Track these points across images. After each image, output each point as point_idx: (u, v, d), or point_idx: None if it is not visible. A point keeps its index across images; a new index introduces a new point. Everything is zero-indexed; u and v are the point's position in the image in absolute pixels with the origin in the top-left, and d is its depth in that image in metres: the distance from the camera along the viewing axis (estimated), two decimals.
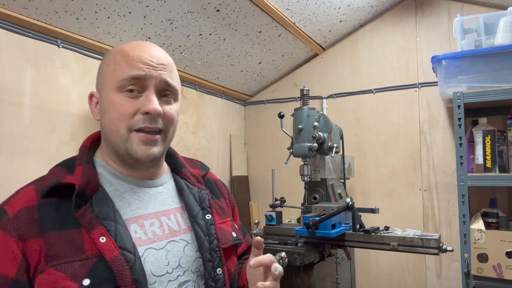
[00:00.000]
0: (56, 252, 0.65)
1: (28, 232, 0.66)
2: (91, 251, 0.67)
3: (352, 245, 1.39)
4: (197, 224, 0.82)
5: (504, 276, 1.55)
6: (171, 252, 0.77)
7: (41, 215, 0.68)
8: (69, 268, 0.64)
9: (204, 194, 0.88)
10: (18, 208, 0.68)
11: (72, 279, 0.63)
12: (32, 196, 0.71)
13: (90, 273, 0.65)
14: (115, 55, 0.77)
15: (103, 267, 0.66)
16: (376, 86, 2.31)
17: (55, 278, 0.63)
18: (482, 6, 2.06)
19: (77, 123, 1.61)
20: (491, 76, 1.67)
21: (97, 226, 0.68)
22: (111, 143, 0.76)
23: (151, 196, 0.81)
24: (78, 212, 0.69)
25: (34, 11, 1.39)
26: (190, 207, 0.84)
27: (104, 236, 0.68)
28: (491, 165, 1.65)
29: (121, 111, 0.73)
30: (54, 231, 0.67)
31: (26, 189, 0.73)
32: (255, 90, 2.70)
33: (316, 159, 1.62)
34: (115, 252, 0.67)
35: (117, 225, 0.70)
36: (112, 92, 0.74)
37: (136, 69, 0.73)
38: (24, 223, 0.67)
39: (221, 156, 2.51)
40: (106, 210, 0.71)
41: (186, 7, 1.65)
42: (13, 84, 1.39)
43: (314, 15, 2.04)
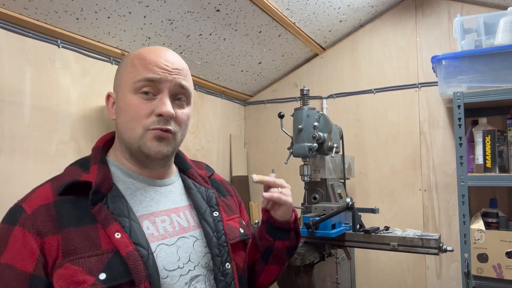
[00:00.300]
0: (73, 247, 0.68)
1: (46, 228, 0.69)
2: (107, 246, 0.69)
3: (352, 245, 1.39)
4: (205, 221, 0.86)
5: (504, 276, 1.55)
6: (182, 247, 0.80)
7: (58, 212, 0.71)
8: (86, 262, 0.67)
9: (211, 193, 0.92)
10: (35, 206, 0.71)
11: (89, 273, 0.66)
12: (49, 193, 0.73)
13: (106, 268, 0.67)
14: (133, 59, 0.80)
15: (118, 262, 0.68)
16: (376, 86, 2.31)
17: (73, 272, 0.66)
18: (482, 6, 2.06)
19: (77, 123, 1.61)
20: (491, 76, 1.67)
21: (112, 222, 0.71)
22: (125, 141, 0.80)
23: (161, 195, 0.85)
24: (94, 208, 0.72)
25: (34, 11, 1.39)
26: (198, 205, 0.88)
27: (119, 232, 0.71)
28: (491, 165, 1.65)
29: (137, 112, 0.77)
30: (71, 227, 0.70)
31: (43, 187, 0.75)
32: (255, 90, 2.70)
33: (316, 159, 1.62)
34: (130, 248, 0.70)
35: (131, 221, 0.73)
36: (128, 94, 0.78)
37: (152, 72, 0.77)
38: (42, 220, 0.69)
39: (221, 156, 2.51)
40: (120, 207, 0.74)
41: (186, 7, 1.65)
42: (13, 84, 1.39)
43: (314, 15, 2.04)
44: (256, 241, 0.97)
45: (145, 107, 0.77)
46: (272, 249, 0.95)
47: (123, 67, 0.82)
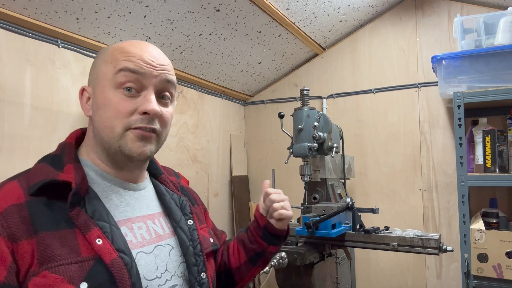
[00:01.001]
0: (51, 253, 0.61)
1: (19, 232, 0.61)
2: (87, 253, 0.64)
3: (352, 245, 1.39)
4: (180, 229, 0.82)
5: (504, 276, 1.55)
6: (159, 256, 0.76)
7: (32, 213, 0.64)
8: (67, 270, 0.61)
9: (184, 201, 0.88)
10: (5, 206, 0.63)
11: (70, 282, 0.61)
12: (19, 193, 0.66)
13: (88, 277, 0.62)
14: (113, 51, 0.74)
15: (101, 270, 0.64)
16: (376, 86, 2.31)
17: (53, 281, 0.60)
18: (482, 6, 2.06)
19: (77, 123, 1.61)
20: (491, 76, 1.67)
21: (92, 228, 0.66)
22: (103, 140, 0.73)
23: (136, 200, 0.80)
24: (72, 212, 0.66)
25: (34, 11, 1.39)
26: (173, 212, 0.84)
27: (100, 238, 0.65)
28: (491, 165, 1.65)
29: (118, 109, 0.71)
30: (47, 231, 0.63)
31: (9, 185, 0.67)
32: (255, 90, 2.70)
33: (316, 159, 1.62)
34: (113, 255, 0.65)
35: (112, 227, 0.68)
36: (108, 89, 0.72)
37: (134, 65, 0.71)
38: (14, 222, 0.62)
39: (221, 156, 2.51)
40: (99, 211, 0.69)
41: (186, 7, 1.65)
42: (13, 84, 1.39)
43: (314, 15, 2.04)
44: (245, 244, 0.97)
45: (128, 104, 0.71)
46: (263, 253, 0.97)
47: (101, 59, 0.75)
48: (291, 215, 0.94)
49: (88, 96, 0.77)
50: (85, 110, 0.77)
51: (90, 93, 0.76)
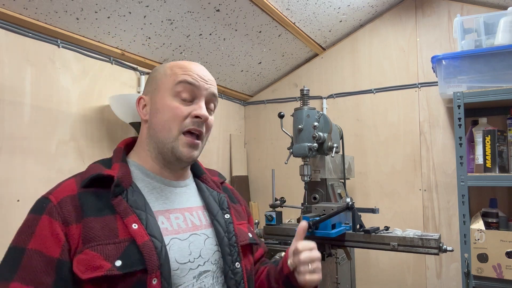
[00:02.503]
0: (92, 235, 0.73)
1: (70, 217, 0.74)
2: (124, 235, 0.74)
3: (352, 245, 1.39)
4: (217, 221, 0.91)
5: (504, 276, 1.55)
6: (193, 243, 0.84)
7: (82, 202, 0.76)
8: (104, 249, 0.72)
9: (223, 197, 0.97)
10: (61, 197, 0.76)
11: (106, 259, 0.71)
12: (73, 186, 0.79)
13: (122, 255, 0.72)
14: (172, 66, 0.88)
15: (134, 251, 0.73)
16: (376, 86, 2.31)
17: (91, 257, 0.71)
18: (482, 6, 2.06)
19: (77, 123, 1.61)
20: (491, 76, 1.67)
21: (130, 214, 0.77)
22: (158, 140, 0.85)
23: (177, 194, 0.90)
24: (115, 200, 0.78)
25: (34, 11, 1.39)
26: (211, 206, 0.93)
27: (136, 223, 0.76)
28: (491, 165, 1.65)
29: (176, 113, 0.84)
30: (91, 217, 0.75)
31: (68, 181, 0.81)
32: (255, 90, 2.70)
33: (316, 159, 1.62)
34: (145, 238, 0.74)
35: (147, 215, 0.78)
36: (167, 96, 0.85)
37: (191, 78, 0.86)
38: (67, 210, 0.75)
39: (221, 156, 2.51)
40: (138, 202, 0.80)
41: (186, 7, 1.65)
42: (13, 84, 1.39)
43: (314, 15, 2.04)
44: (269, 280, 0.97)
45: (184, 109, 0.85)
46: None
47: (160, 73, 0.89)
48: (319, 281, 0.88)
49: (144, 103, 0.90)
50: (142, 114, 0.90)
51: (147, 101, 0.89)
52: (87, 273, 0.69)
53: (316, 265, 0.89)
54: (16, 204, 1.37)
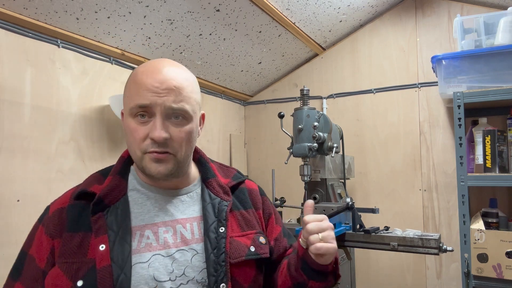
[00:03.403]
0: (64, 251, 0.74)
1: (55, 231, 0.76)
2: (91, 255, 0.73)
3: (352, 245, 1.39)
4: (207, 236, 0.81)
5: (504, 276, 1.55)
6: (178, 260, 0.78)
7: (68, 216, 0.77)
8: (68, 268, 0.72)
9: (223, 206, 0.86)
10: (55, 208, 0.78)
11: (69, 278, 0.71)
12: (67, 197, 0.80)
13: (85, 276, 0.71)
14: (130, 81, 0.82)
15: (93, 274, 0.72)
16: (376, 86, 2.31)
17: (56, 274, 0.72)
18: (482, 6, 2.06)
19: (77, 123, 1.61)
20: (491, 76, 1.67)
21: (102, 234, 0.75)
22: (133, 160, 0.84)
23: (172, 205, 0.85)
24: (94, 217, 0.77)
25: (34, 11, 1.39)
26: (207, 217, 0.84)
27: (104, 244, 0.74)
28: (491, 165, 1.65)
29: (134, 136, 0.79)
30: (70, 232, 0.75)
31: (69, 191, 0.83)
32: (255, 90, 2.70)
33: (316, 159, 1.62)
34: (105, 262, 0.72)
35: (118, 237, 0.75)
36: (127, 117, 0.81)
37: (142, 98, 0.77)
38: (54, 224, 0.77)
39: (221, 156, 2.51)
40: (116, 221, 0.77)
41: (186, 7, 1.65)
42: (13, 84, 1.39)
43: (314, 15, 2.04)
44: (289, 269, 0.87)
45: (141, 131, 0.78)
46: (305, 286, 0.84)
47: (126, 88, 0.83)
48: (333, 249, 0.77)
49: None
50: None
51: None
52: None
53: (327, 234, 0.77)
54: (16, 204, 1.37)
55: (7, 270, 0.80)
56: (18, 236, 1.36)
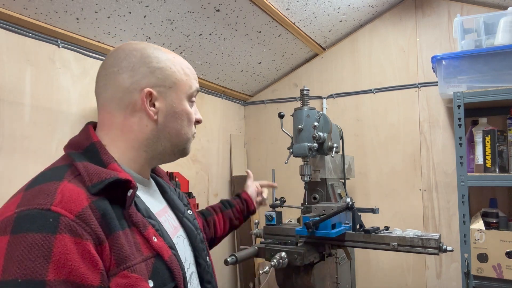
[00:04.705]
0: (125, 253, 0.62)
1: (101, 234, 0.60)
2: (147, 251, 0.66)
3: (352, 245, 1.39)
4: (187, 219, 0.88)
5: (504, 276, 1.55)
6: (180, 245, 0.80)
7: (103, 214, 0.63)
8: (141, 269, 0.63)
9: (181, 193, 0.95)
10: (79, 209, 0.60)
11: (146, 280, 0.63)
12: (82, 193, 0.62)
13: (152, 274, 0.65)
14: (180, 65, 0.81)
15: (161, 267, 0.67)
16: (376, 86, 2.31)
17: (134, 281, 0.61)
18: (482, 6, 2.06)
19: (77, 123, 1.61)
20: (491, 76, 1.67)
21: (147, 226, 0.69)
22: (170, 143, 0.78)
23: (151, 195, 0.82)
24: (130, 210, 0.67)
25: (34, 11, 1.39)
26: (176, 204, 0.89)
27: (155, 235, 0.69)
28: (491, 165, 1.65)
29: (191, 119, 0.82)
30: (117, 231, 0.63)
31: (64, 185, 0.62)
32: (255, 90, 2.70)
33: (316, 159, 1.62)
34: (169, 252, 0.70)
35: (159, 224, 0.73)
36: (184, 100, 0.80)
37: (197, 84, 0.85)
38: (95, 225, 0.60)
39: (221, 156, 2.51)
40: (147, 209, 0.73)
41: (186, 7, 1.65)
42: (13, 84, 1.39)
43: (314, 15, 2.04)
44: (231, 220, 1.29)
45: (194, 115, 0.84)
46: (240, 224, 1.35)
47: (173, 71, 0.77)
48: None
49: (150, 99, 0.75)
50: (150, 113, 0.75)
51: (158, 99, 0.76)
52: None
53: None
54: None
55: None
56: None
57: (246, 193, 1.39)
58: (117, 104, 0.75)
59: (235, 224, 1.30)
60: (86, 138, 0.74)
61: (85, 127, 0.79)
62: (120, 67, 0.74)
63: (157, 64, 0.76)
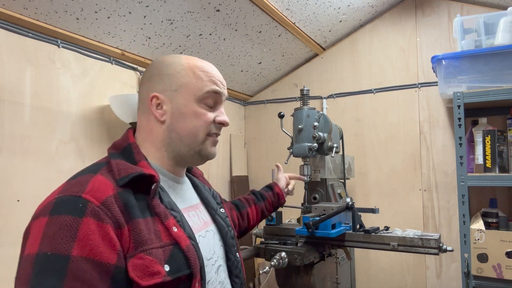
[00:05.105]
0: (143, 238, 0.70)
1: (120, 219, 0.69)
2: (166, 239, 0.74)
3: (352, 245, 1.39)
4: (219, 216, 0.96)
5: (504, 276, 1.55)
6: (209, 239, 0.89)
7: (125, 203, 0.71)
8: (157, 253, 0.70)
9: (215, 192, 1.03)
10: (103, 197, 0.69)
11: (161, 264, 0.70)
12: (109, 185, 0.72)
13: (169, 260, 0.72)
14: (192, 69, 0.87)
15: (179, 255, 0.73)
16: (376, 86, 2.31)
17: (148, 262, 0.68)
18: (482, 6, 2.06)
19: (77, 123, 1.61)
20: (491, 76, 1.67)
21: (169, 217, 0.76)
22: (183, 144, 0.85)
23: (185, 192, 0.92)
24: (153, 202, 0.76)
25: (34, 11, 1.39)
26: (209, 202, 0.98)
27: (175, 226, 0.76)
28: (491, 165, 1.65)
29: (204, 120, 0.85)
30: (137, 218, 0.71)
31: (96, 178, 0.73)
32: (255, 90, 2.70)
33: (316, 159, 1.62)
34: (187, 241, 0.76)
35: (181, 216, 0.80)
36: (192, 102, 0.84)
37: (216, 86, 0.87)
38: (116, 211, 0.69)
39: (221, 156, 2.51)
40: (171, 202, 0.80)
41: (186, 7, 1.65)
42: (13, 84, 1.39)
43: (314, 15, 2.04)
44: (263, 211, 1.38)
45: (210, 116, 0.86)
46: None
47: (180, 74, 0.85)
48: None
49: (159, 102, 0.84)
50: (157, 115, 0.84)
51: (165, 101, 0.85)
52: (146, 279, 0.67)
53: None
54: (16, 204, 1.37)
55: (7, 270, 0.80)
56: (18, 236, 1.35)
57: (278, 186, 1.44)
58: (141, 110, 0.88)
59: (265, 215, 1.40)
60: (124, 140, 0.87)
61: (126, 131, 0.93)
62: (144, 78, 0.88)
63: (167, 70, 0.86)
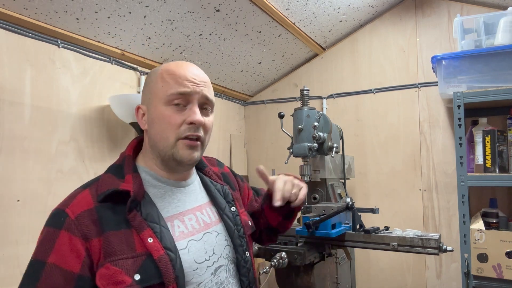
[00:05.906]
0: (113, 249, 0.75)
1: (90, 232, 0.75)
2: (141, 249, 0.77)
3: (352, 245, 1.39)
4: (226, 216, 0.97)
5: (504, 276, 1.55)
6: (207, 242, 0.89)
7: (100, 216, 0.77)
8: (124, 264, 0.74)
9: (227, 190, 1.03)
10: (79, 211, 0.77)
11: (126, 274, 0.74)
12: (89, 200, 0.80)
13: (140, 269, 0.75)
14: (162, 74, 0.87)
15: (151, 265, 0.76)
16: (376, 86, 2.31)
17: (113, 272, 0.73)
18: (482, 6, 2.06)
19: (77, 123, 1.61)
20: (491, 76, 1.67)
21: (145, 228, 0.79)
22: (158, 149, 0.87)
23: (186, 195, 0.93)
24: (130, 215, 0.79)
25: (34, 11, 1.39)
26: (218, 201, 0.98)
27: (151, 237, 0.78)
28: (491, 165, 1.65)
29: (170, 122, 0.85)
30: (111, 231, 0.77)
31: (82, 193, 0.82)
32: (255, 90, 2.70)
33: (316, 159, 1.62)
34: (161, 252, 0.77)
35: (161, 227, 0.81)
36: (161, 106, 0.85)
37: (183, 86, 0.85)
38: (86, 225, 0.76)
39: (221, 156, 2.51)
40: (152, 214, 0.82)
41: (186, 7, 1.65)
42: (13, 84, 1.39)
43: (314, 15, 2.04)
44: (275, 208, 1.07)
45: (178, 117, 0.85)
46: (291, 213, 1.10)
47: (153, 82, 0.88)
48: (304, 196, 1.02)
49: (143, 113, 0.90)
50: (141, 124, 0.90)
51: (145, 110, 0.90)
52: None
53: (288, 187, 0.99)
54: (16, 204, 1.37)
55: (7, 270, 0.80)
56: (18, 236, 1.36)
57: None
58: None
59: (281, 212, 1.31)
60: (124, 152, 0.92)
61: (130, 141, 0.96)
62: None
63: (146, 81, 0.91)
